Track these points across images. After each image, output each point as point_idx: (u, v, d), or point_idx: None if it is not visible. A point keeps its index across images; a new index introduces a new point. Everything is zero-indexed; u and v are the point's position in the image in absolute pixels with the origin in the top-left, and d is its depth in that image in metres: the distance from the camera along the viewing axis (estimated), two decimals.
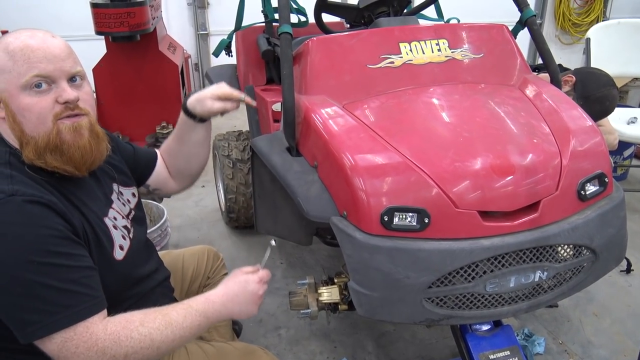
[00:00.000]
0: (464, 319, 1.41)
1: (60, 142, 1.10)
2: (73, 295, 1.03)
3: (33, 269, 0.99)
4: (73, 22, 5.11)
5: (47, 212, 1.03)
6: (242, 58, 2.66)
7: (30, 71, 1.06)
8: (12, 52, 1.06)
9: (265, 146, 1.71)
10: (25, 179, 1.07)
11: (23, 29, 1.12)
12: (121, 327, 1.06)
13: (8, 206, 1.00)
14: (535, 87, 1.72)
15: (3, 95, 1.08)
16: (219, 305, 1.20)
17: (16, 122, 1.08)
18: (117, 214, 1.28)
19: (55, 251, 1.02)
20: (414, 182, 1.35)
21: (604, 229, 1.47)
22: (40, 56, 1.07)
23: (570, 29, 6.39)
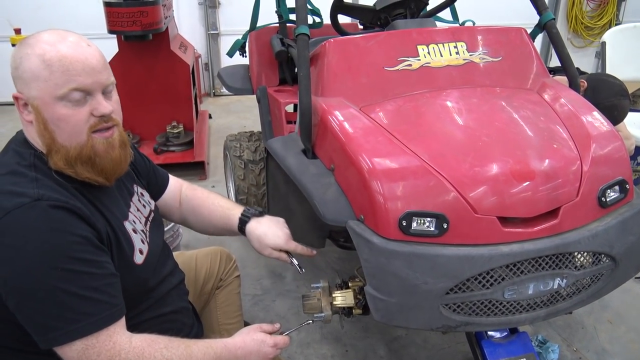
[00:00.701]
0: (481, 325, 1.39)
1: (93, 154, 1.11)
2: (95, 303, 1.03)
3: (57, 275, 0.99)
4: (86, 20, 5.12)
5: (72, 217, 1.03)
6: (255, 58, 2.64)
7: (68, 84, 1.05)
8: (49, 61, 1.05)
9: (280, 148, 1.70)
10: (50, 182, 1.06)
11: (51, 31, 1.10)
12: (146, 345, 1.08)
13: (33, 211, 1.00)
14: (554, 91, 1.70)
15: (35, 103, 1.07)
16: (233, 355, 1.23)
17: (48, 130, 1.08)
18: (136, 218, 1.28)
19: (79, 258, 1.02)
20: (432, 186, 1.34)
21: (624, 236, 1.44)
22: (79, 69, 1.06)
23: (583, 32, 6.35)
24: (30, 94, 1.06)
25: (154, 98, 3.84)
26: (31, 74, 1.05)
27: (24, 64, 1.06)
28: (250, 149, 2.71)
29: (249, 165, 2.66)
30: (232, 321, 1.73)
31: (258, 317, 2.28)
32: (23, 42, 1.09)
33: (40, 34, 1.09)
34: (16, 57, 1.07)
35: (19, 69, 1.06)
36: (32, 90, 1.06)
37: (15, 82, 1.08)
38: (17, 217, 0.99)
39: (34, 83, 1.05)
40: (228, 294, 1.74)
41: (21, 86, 1.07)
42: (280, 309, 2.33)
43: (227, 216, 1.52)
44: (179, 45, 4.13)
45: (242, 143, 2.74)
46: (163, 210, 1.55)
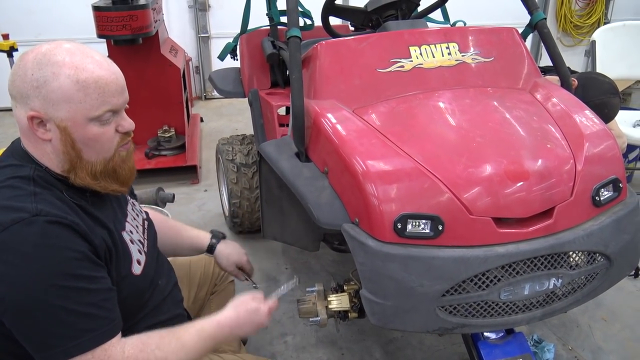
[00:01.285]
0: (478, 327, 1.39)
1: (118, 167, 1.14)
2: (93, 319, 1.03)
3: (55, 292, 0.99)
4: (75, 25, 5.09)
5: (69, 233, 1.02)
6: (247, 61, 2.63)
7: (103, 106, 1.06)
8: (85, 83, 1.03)
9: (273, 151, 1.69)
10: (50, 197, 1.05)
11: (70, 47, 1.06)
12: (138, 351, 1.08)
13: (31, 227, 0.98)
14: (546, 91, 1.70)
15: (65, 124, 1.05)
16: (228, 330, 1.25)
17: (75, 149, 1.07)
18: (133, 227, 1.27)
19: (77, 274, 1.01)
20: (427, 188, 1.33)
21: (618, 235, 1.44)
22: (113, 90, 1.07)
23: (572, 31, 6.38)
24: (57, 115, 1.03)
25: (144, 102, 3.81)
26: (62, 95, 1.02)
27: (50, 83, 1.02)
28: (242, 152, 2.69)
29: (242, 168, 2.65)
30: None
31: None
32: (39, 57, 1.03)
33: (58, 48, 1.05)
34: (36, 74, 1.02)
35: (43, 88, 1.02)
36: (60, 112, 1.03)
37: (31, 101, 1.03)
38: (15, 234, 0.97)
39: (65, 104, 1.03)
40: (222, 299, 1.72)
41: (43, 106, 1.03)
42: (275, 313, 2.29)
43: (194, 237, 1.63)
44: (170, 49, 4.10)
45: (234, 146, 2.73)
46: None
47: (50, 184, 1.07)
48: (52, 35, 5.21)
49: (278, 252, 2.80)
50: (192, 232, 1.64)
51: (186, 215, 3.24)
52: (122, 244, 1.18)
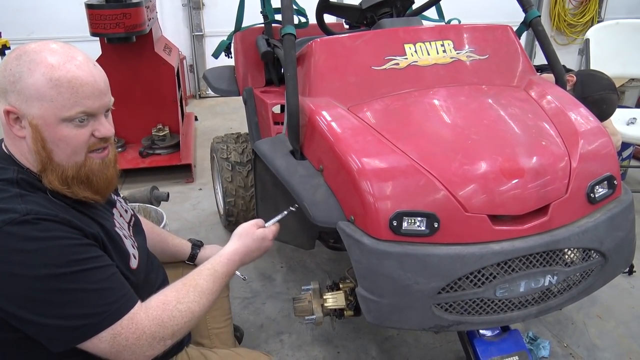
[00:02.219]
0: (474, 324, 1.39)
1: (91, 173, 1.10)
2: (110, 292, 1.04)
3: (66, 278, 0.99)
4: (68, 23, 5.06)
5: (62, 226, 1.02)
6: (241, 59, 2.62)
7: (76, 107, 1.03)
8: (58, 81, 1.01)
9: (268, 149, 1.68)
10: (37, 198, 1.03)
11: (54, 45, 1.05)
12: (161, 311, 1.10)
13: (24, 225, 0.97)
14: (541, 89, 1.70)
15: (35, 121, 1.03)
16: (238, 262, 1.30)
17: (45, 149, 1.05)
18: (121, 224, 1.27)
19: (80, 258, 1.02)
20: (422, 186, 1.33)
21: (613, 232, 1.45)
22: (88, 92, 1.04)
23: (566, 30, 6.41)
24: (30, 112, 1.02)
25: (138, 101, 3.80)
26: (35, 92, 1.00)
27: (25, 79, 1.00)
28: (237, 150, 2.68)
29: (237, 167, 2.64)
30: (221, 325, 1.70)
31: (248, 320, 2.26)
32: (20, 53, 1.03)
33: (42, 47, 1.04)
34: (14, 69, 1.01)
35: (18, 83, 1.00)
36: (32, 109, 1.02)
37: (8, 96, 1.02)
38: (9, 233, 0.96)
39: (37, 102, 1.01)
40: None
41: (18, 101, 1.01)
42: (271, 312, 2.31)
43: (177, 245, 1.63)
44: (163, 47, 4.09)
45: (229, 145, 2.72)
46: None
47: (34, 187, 1.06)
48: (44, 34, 5.18)
49: (273, 251, 2.80)
50: (176, 240, 1.65)
51: (181, 214, 3.22)
52: (118, 239, 1.18)
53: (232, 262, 1.28)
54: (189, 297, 1.15)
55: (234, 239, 1.34)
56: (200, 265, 1.26)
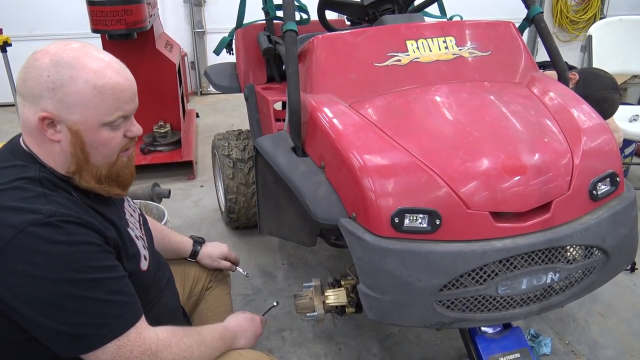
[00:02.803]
0: (475, 321, 1.39)
1: (120, 171, 1.15)
2: (120, 304, 1.06)
3: (82, 285, 1.00)
4: (69, 19, 5.06)
5: (84, 229, 1.03)
6: (243, 56, 2.62)
7: (117, 112, 1.07)
8: (102, 88, 1.03)
9: (269, 146, 1.68)
10: (59, 197, 1.04)
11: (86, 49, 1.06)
12: (170, 335, 1.14)
13: (48, 227, 0.98)
14: (543, 85, 1.70)
15: (77, 127, 1.04)
16: (233, 335, 1.34)
17: (84, 152, 1.07)
18: (132, 224, 1.28)
19: (100, 266, 1.03)
20: (424, 182, 1.32)
21: (615, 229, 1.44)
22: (127, 97, 1.08)
23: (568, 26, 6.38)
24: (71, 118, 1.03)
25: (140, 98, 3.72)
26: (78, 99, 1.02)
27: (67, 87, 1.01)
28: (238, 147, 2.68)
29: (238, 164, 2.64)
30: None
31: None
32: (57, 60, 1.02)
33: (78, 52, 1.04)
34: (53, 76, 1.01)
35: (59, 90, 1.01)
36: (74, 115, 1.03)
37: (43, 101, 1.02)
38: (33, 235, 0.97)
39: (79, 108, 1.03)
40: (218, 295, 1.72)
41: (56, 108, 1.02)
42: (272, 309, 2.31)
43: (179, 242, 1.65)
44: (165, 43, 4.08)
45: (230, 142, 2.72)
46: None
47: (56, 186, 1.07)
48: (45, 30, 5.18)
49: (274, 248, 2.80)
50: (177, 237, 1.66)
51: (182, 211, 3.22)
52: (130, 240, 1.19)
53: (227, 330, 1.32)
54: (193, 338, 1.18)
55: (228, 318, 1.41)
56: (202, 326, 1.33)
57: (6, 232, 0.96)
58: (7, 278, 0.97)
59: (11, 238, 0.95)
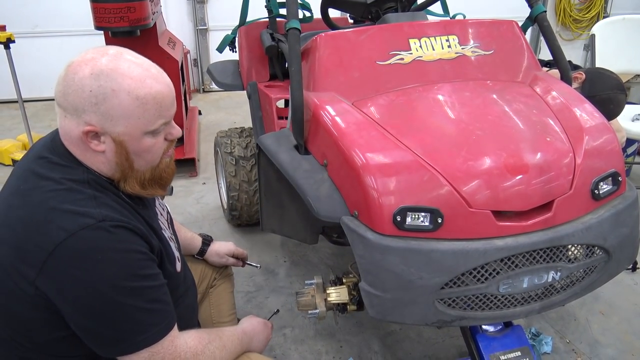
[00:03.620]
0: (477, 320, 1.39)
1: (163, 172, 1.16)
2: (158, 313, 1.08)
3: (126, 292, 1.02)
4: (72, 16, 5.06)
5: (133, 236, 1.05)
6: (245, 54, 2.62)
7: (160, 119, 1.08)
8: (144, 99, 1.03)
9: (272, 144, 1.68)
10: (108, 199, 1.06)
11: (124, 57, 1.05)
12: (197, 342, 1.16)
13: (99, 232, 1.00)
14: (546, 84, 1.70)
15: (122, 138, 1.06)
16: (250, 339, 1.36)
17: (128, 160, 1.09)
18: (163, 224, 1.30)
19: (144, 274, 1.05)
20: (426, 181, 1.33)
21: (617, 228, 1.45)
22: (168, 103, 1.09)
23: (571, 25, 6.37)
24: (115, 130, 1.04)
25: None
26: (122, 112, 1.02)
27: (110, 100, 1.01)
28: (241, 145, 2.69)
29: (240, 161, 2.64)
30: (226, 319, 1.72)
31: (252, 314, 2.26)
32: (97, 72, 1.01)
33: (116, 62, 1.03)
34: (95, 90, 1.01)
35: (102, 105, 1.01)
36: (118, 127, 1.04)
37: (87, 115, 1.02)
38: (84, 239, 0.98)
39: (123, 120, 1.04)
40: (221, 292, 1.73)
41: (100, 121, 1.03)
42: (274, 306, 2.31)
43: (189, 239, 1.67)
44: (167, 41, 4.08)
45: (232, 139, 2.72)
46: None
47: (103, 187, 1.08)
48: (48, 27, 5.19)
49: (277, 245, 2.81)
50: (188, 234, 1.68)
51: (184, 208, 3.23)
52: (166, 244, 1.21)
53: (245, 334, 1.35)
54: (216, 344, 1.21)
55: (241, 322, 1.44)
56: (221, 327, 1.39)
57: (58, 234, 0.97)
58: (55, 278, 0.99)
59: (62, 241, 0.97)
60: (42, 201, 1.02)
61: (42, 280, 0.99)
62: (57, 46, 5.27)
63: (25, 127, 3.86)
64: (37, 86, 5.36)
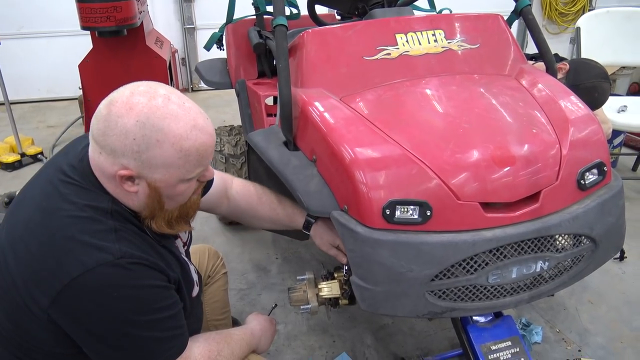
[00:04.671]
0: (467, 311, 1.40)
1: (189, 209, 1.16)
2: (172, 338, 1.10)
3: (141, 325, 1.03)
4: (59, 17, 5.03)
5: (151, 271, 1.04)
6: (233, 51, 2.62)
7: (198, 168, 1.07)
8: (188, 151, 1.02)
9: (261, 141, 1.69)
10: (129, 233, 1.05)
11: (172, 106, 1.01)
12: (207, 353, 1.18)
13: (116, 269, 0.99)
14: (531, 77, 1.71)
15: (158, 184, 1.04)
16: (258, 339, 1.39)
17: (160, 202, 1.07)
18: (180, 248, 1.28)
19: (161, 306, 1.06)
20: (415, 174, 1.34)
21: (603, 217, 1.47)
22: (210, 153, 1.08)
23: (557, 19, 6.42)
24: (153, 177, 1.03)
25: None
26: (162, 162, 1.01)
27: (153, 150, 1.00)
28: (230, 143, 2.69)
29: (230, 159, 2.65)
30: (220, 317, 1.72)
31: (245, 311, 2.27)
32: (143, 120, 0.98)
33: (161, 112, 1.00)
34: (139, 140, 0.98)
35: (144, 153, 0.99)
36: (156, 174, 1.03)
37: (125, 159, 1.00)
38: (101, 275, 0.98)
39: (162, 169, 1.03)
40: (216, 290, 1.73)
41: (138, 167, 1.01)
42: (267, 303, 2.32)
43: (290, 214, 1.60)
44: (155, 40, 4.07)
45: (222, 137, 2.72)
46: (206, 207, 1.53)
47: (126, 220, 1.07)
48: (35, 28, 5.15)
49: (268, 242, 2.81)
50: (288, 209, 1.60)
51: None
52: (187, 270, 1.22)
53: (252, 336, 1.37)
54: (224, 353, 1.22)
55: (249, 321, 1.45)
56: (230, 329, 1.37)
57: (75, 267, 0.97)
58: (69, 310, 0.99)
59: (78, 275, 0.96)
60: (62, 227, 1.00)
61: (55, 310, 0.99)
62: (44, 47, 5.23)
63: (13, 129, 3.84)
64: (24, 88, 5.32)
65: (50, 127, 4.76)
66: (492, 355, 1.54)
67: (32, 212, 1.05)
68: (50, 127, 4.74)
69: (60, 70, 5.16)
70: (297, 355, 2.05)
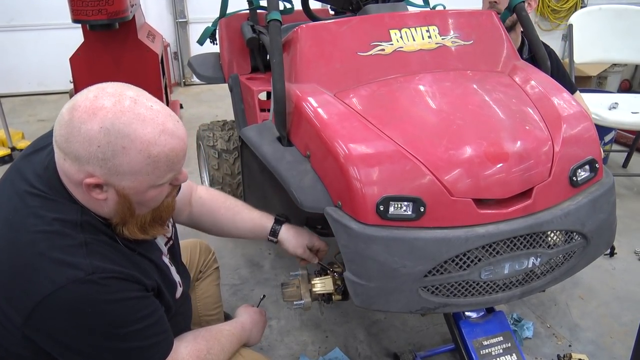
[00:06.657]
0: (459, 306, 1.41)
1: (163, 212, 1.12)
2: (155, 345, 1.08)
3: (119, 338, 1.01)
4: (49, 10, 4.97)
5: (125, 284, 1.01)
6: (226, 46, 2.60)
7: (169, 174, 1.03)
8: (156, 157, 0.98)
9: (255, 136, 1.68)
10: (100, 245, 1.01)
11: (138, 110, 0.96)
12: (195, 353, 1.17)
13: (88, 285, 0.96)
14: (525, 74, 1.72)
15: (127, 192, 1.00)
16: (248, 331, 1.39)
17: (130, 209, 1.03)
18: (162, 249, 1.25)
19: (137, 317, 1.03)
20: (408, 170, 1.34)
21: (595, 214, 1.48)
22: (181, 157, 1.04)
23: (550, 16, 6.44)
24: (120, 184, 0.99)
25: None
26: (129, 169, 0.97)
27: (119, 157, 0.95)
28: (223, 138, 2.67)
29: (223, 154, 2.63)
30: (212, 312, 1.72)
31: (237, 306, 2.25)
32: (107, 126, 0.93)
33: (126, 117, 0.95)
34: (103, 147, 0.94)
35: (110, 161, 0.95)
36: (124, 181, 0.98)
37: (90, 166, 0.96)
38: (73, 292, 0.95)
39: (130, 176, 0.98)
40: (207, 285, 1.73)
41: (105, 174, 0.97)
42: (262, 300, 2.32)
43: (256, 219, 1.57)
44: (147, 34, 4.04)
45: (215, 132, 2.71)
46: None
47: (97, 230, 1.03)
48: (25, 21, 5.09)
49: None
50: (254, 213, 1.56)
51: None
52: (167, 273, 1.20)
53: (243, 329, 1.36)
54: (215, 350, 1.21)
55: (239, 314, 1.46)
56: (219, 325, 1.35)
57: (46, 285, 0.94)
58: (43, 328, 0.97)
59: (49, 293, 0.93)
60: (30, 243, 0.96)
61: (29, 329, 0.97)
62: (34, 40, 5.17)
63: (3, 123, 3.80)
64: (14, 81, 5.27)
65: (41, 121, 4.72)
66: (484, 351, 1.56)
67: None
68: (41, 121, 4.70)
69: (51, 63, 5.12)
70: (289, 350, 2.05)
